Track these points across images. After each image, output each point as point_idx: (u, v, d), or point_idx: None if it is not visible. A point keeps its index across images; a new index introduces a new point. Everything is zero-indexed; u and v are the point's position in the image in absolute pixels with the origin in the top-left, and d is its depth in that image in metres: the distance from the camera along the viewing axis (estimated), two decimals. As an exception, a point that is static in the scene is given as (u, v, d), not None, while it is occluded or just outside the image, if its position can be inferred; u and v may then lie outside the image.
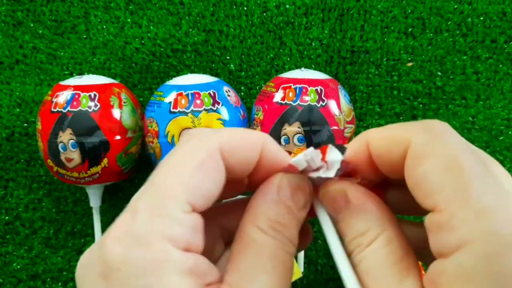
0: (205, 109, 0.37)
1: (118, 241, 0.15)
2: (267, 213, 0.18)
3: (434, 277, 0.15)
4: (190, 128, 0.37)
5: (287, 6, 0.45)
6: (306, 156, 0.18)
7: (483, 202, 0.14)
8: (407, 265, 0.17)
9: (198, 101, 0.37)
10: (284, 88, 0.38)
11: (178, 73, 0.46)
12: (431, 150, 0.15)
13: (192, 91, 0.38)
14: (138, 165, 0.43)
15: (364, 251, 0.17)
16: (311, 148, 0.18)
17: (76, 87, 0.38)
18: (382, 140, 0.18)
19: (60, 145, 0.38)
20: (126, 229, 0.15)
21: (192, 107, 0.37)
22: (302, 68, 0.42)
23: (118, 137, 0.38)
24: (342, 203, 0.18)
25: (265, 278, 0.16)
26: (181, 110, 0.37)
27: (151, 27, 0.46)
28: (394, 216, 0.18)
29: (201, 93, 0.38)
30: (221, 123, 0.38)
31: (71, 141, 0.37)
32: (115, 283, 0.15)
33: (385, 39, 0.45)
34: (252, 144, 0.18)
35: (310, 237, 0.21)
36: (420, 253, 0.18)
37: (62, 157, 0.38)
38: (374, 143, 0.18)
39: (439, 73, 0.44)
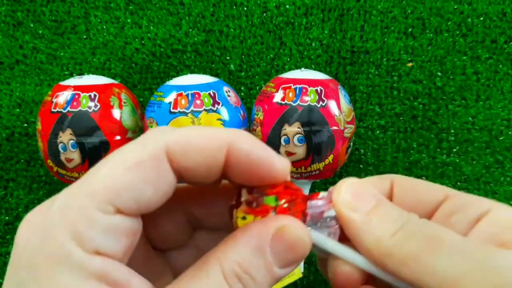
0: (205, 109, 0.37)
1: (27, 226, 0.15)
2: (240, 256, 0.15)
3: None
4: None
5: (287, 6, 0.45)
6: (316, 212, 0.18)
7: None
8: None
9: (198, 101, 0.37)
10: (284, 88, 0.38)
11: (178, 73, 0.46)
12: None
13: (192, 91, 0.38)
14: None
15: None
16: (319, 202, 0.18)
17: (76, 87, 0.38)
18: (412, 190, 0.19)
19: (60, 145, 0.38)
20: (40, 217, 0.15)
21: (192, 107, 0.37)
22: (302, 68, 0.42)
23: (118, 137, 0.38)
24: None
25: None
26: (181, 110, 0.37)
27: (151, 27, 0.46)
28: None
29: (201, 93, 0.38)
30: (221, 123, 0.38)
31: (71, 141, 0.37)
32: (11, 269, 0.14)
33: (385, 39, 0.45)
34: (212, 144, 0.15)
35: None
36: None
37: (62, 157, 0.38)
38: (400, 188, 0.19)
39: (439, 73, 0.44)
